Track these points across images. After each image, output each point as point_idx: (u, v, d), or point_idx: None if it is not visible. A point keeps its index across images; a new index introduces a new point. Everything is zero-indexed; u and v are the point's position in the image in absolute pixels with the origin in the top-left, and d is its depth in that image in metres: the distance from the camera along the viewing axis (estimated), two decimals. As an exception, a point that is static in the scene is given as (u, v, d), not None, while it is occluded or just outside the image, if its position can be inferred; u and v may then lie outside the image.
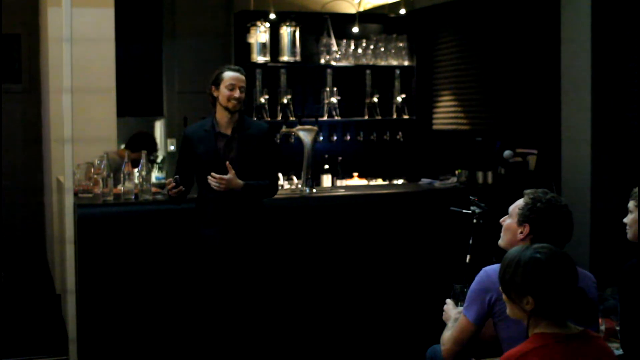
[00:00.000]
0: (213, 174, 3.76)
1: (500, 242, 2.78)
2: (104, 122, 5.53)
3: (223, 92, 3.86)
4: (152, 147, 5.59)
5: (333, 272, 4.58)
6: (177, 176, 3.84)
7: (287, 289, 4.48)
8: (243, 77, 3.90)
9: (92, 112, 5.49)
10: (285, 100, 6.32)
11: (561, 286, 2.21)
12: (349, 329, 4.60)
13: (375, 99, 6.65)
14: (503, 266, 2.32)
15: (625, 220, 2.83)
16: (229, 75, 3.87)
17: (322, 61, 6.51)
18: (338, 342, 4.56)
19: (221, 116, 3.91)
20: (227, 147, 3.89)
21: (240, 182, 3.80)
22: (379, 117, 6.68)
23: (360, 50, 6.59)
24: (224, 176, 3.75)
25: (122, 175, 4.43)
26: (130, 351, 4.20)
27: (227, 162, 3.78)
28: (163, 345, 4.25)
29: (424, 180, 5.32)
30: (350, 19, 6.58)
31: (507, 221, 2.76)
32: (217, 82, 3.88)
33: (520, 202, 2.73)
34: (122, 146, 5.77)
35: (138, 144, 5.44)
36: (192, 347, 4.29)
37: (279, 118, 6.30)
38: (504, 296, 2.31)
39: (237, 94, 3.85)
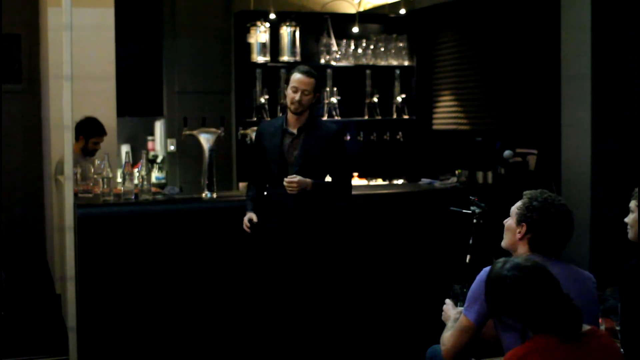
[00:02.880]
0: (285, 179, 3.82)
1: (502, 243, 2.79)
2: (104, 122, 5.50)
3: (288, 93, 3.90)
4: (89, 132, 5.41)
5: (333, 272, 4.57)
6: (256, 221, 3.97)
7: (287, 289, 4.47)
8: (308, 80, 3.87)
9: (92, 112, 5.48)
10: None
11: (526, 305, 2.21)
12: (349, 329, 4.60)
13: (375, 99, 6.64)
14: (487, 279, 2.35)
15: (626, 219, 2.83)
16: (294, 77, 3.89)
17: (322, 61, 6.50)
18: (338, 342, 4.55)
19: (290, 115, 3.95)
20: (291, 145, 3.93)
21: (308, 180, 3.83)
22: (379, 117, 6.68)
23: (360, 50, 6.59)
24: (294, 178, 3.79)
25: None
26: (130, 351, 4.20)
27: (285, 179, 3.83)
28: (163, 345, 4.25)
29: (424, 180, 5.32)
30: (350, 19, 6.57)
31: (508, 222, 2.78)
32: (287, 82, 3.94)
33: (519, 203, 2.75)
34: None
35: (76, 132, 5.34)
36: (192, 347, 4.29)
37: (279, 118, 6.30)
38: None
39: (297, 96, 3.85)
